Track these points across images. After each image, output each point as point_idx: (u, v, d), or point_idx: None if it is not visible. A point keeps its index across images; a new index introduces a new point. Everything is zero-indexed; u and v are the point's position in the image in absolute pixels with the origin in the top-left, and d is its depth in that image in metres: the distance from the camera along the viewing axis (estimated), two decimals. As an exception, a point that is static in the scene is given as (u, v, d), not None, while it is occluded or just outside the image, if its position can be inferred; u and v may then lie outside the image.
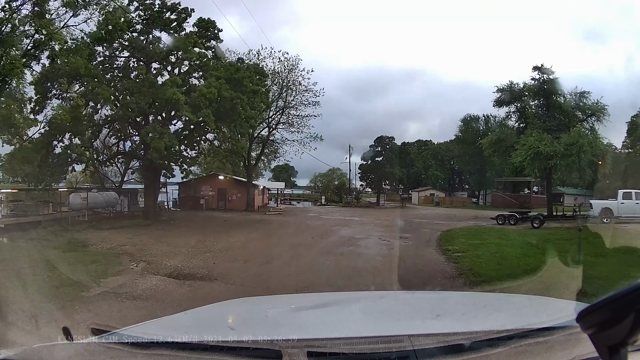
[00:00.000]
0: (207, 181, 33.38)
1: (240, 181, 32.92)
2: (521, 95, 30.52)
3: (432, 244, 12.73)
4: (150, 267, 9.43)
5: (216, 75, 17.80)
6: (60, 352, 1.38)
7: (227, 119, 18.49)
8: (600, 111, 27.66)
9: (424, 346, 1.32)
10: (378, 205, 48.97)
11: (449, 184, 76.24)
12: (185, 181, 33.27)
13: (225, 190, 32.86)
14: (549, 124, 27.90)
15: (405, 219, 24.10)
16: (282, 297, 3.88)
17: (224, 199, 32.82)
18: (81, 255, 11.45)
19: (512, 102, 30.84)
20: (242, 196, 31.66)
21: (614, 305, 0.85)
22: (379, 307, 2.35)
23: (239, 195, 32.04)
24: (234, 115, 17.60)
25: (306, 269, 8.80)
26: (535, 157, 25.42)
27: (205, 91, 16.73)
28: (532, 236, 14.17)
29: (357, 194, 52.56)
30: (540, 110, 30.00)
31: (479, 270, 8.34)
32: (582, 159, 25.62)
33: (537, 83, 29.10)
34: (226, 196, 32.82)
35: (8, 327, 4.14)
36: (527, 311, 2.11)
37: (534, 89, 29.63)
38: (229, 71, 18.45)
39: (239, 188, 32.40)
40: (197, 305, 2.28)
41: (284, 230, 18.08)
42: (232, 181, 33.49)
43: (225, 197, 32.83)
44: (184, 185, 33.73)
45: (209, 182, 33.30)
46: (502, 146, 29.81)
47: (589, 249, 8.87)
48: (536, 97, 30.24)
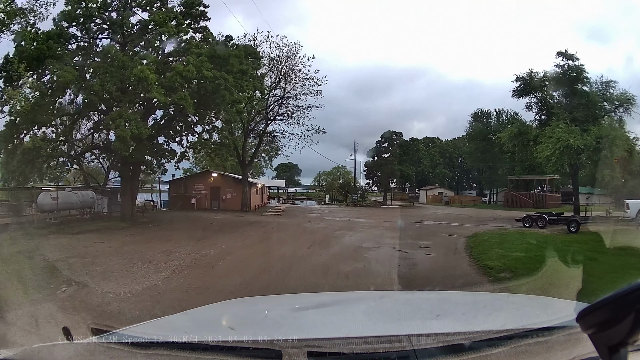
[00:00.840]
0: (199, 179, 30.75)
1: (236, 179, 30.21)
2: (542, 84, 27.79)
3: (462, 256, 9.92)
4: (78, 295, 6.83)
5: (197, 52, 15.07)
6: (61, 352, 1.36)
7: (210, 103, 15.69)
8: (629, 102, 25.02)
9: (424, 346, 1.31)
10: (385, 205, 46.14)
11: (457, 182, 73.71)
12: (177, 179, 30.82)
13: (218, 188, 30.21)
14: (576, 115, 24.96)
15: (418, 221, 21.31)
16: (282, 297, 3.74)
17: (217, 198, 30.19)
18: (14, 268, 9.36)
19: (532, 92, 28.12)
20: (238, 195, 28.98)
21: (614, 305, 0.84)
22: (379, 307, 2.35)
23: (234, 194, 29.37)
24: (217, 98, 14.79)
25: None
26: (564, 151, 22.51)
27: (182, 69, 14.05)
28: (584, 244, 11.27)
29: (362, 193, 49.69)
30: (565, 100, 27.11)
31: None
32: (614, 153, 23.02)
33: (560, 70, 26.20)
34: (220, 195, 30.18)
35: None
36: (527, 311, 2.09)
37: (557, 77, 26.69)
38: (212, 48, 15.70)
39: (235, 186, 29.71)
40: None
41: (276, 236, 15.34)
42: (227, 179, 30.84)
43: (219, 197, 30.20)
44: (174, 183, 31.22)
45: (201, 180, 30.68)
46: (524, 140, 27.11)
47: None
48: (559, 86, 27.32)
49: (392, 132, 44.47)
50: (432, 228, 17.34)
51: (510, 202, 43.46)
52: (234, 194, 29.34)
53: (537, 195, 42.93)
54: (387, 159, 43.22)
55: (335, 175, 69.69)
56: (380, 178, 45.12)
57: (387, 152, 43.92)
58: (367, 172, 46.29)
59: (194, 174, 30.63)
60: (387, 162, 42.67)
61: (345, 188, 54.84)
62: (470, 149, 54.74)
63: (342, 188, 57.90)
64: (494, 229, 17.84)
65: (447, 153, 73.89)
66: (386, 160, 43.00)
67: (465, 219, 23.84)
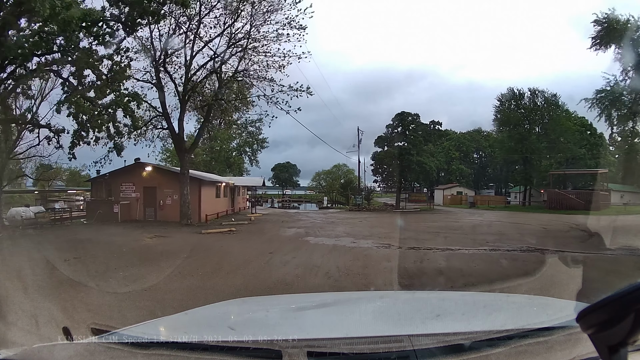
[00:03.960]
0: (128, 176, 20.61)
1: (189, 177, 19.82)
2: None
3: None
4: None
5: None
6: (60, 352, 1.34)
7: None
8: None
9: (424, 346, 1.30)
10: (398, 208, 35.86)
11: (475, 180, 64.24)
12: (99, 177, 20.84)
13: (154, 189, 20.08)
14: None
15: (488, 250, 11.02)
16: (282, 297, 3.80)
17: (153, 203, 20.06)
18: None
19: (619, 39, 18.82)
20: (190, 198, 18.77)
21: (614, 305, 0.84)
22: (379, 307, 2.35)
23: (177, 197, 19.17)
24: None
25: None
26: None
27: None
28: None
29: (368, 194, 39.67)
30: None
31: None
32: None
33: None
34: (157, 199, 20.02)
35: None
36: (527, 311, 2.08)
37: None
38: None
39: (180, 186, 19.37)
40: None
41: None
42: (167, 175, 20.70)
43: (155, 201, 20.04)
44: (96, 183, 21.20)
45: (131, 177, 20.56)
46: (623, 104, 17.34)
47: None
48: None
49: (406, 115, 34.18)
50: (549, 277, 7.11)
51: (554, 202, 33.86)
52: (177, 196, 19.14)
53: (587, 194, 33.06)
54: (402, 147, 32.85)
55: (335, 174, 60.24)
56: (391, 173, 34.70)
57: (401, 138, 33.63)
58: (374, 167, 35.86)
59: (121, 169, 20.50)
60: (402, 152, 32.24)
61: (347, 188, 45.74)
62: (502, 137, 44.08)
63: (343, 188, 49.20)
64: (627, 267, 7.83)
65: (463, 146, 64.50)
66: (401, 150, 32.60)
67: (542, 237, 13.80)
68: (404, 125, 33.31)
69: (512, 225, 18.70)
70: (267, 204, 57.89)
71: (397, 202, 36.53)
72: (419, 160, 31.97)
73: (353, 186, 43.92)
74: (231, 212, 26.17)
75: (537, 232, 15.66)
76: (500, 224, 19.70)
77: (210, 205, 20.92)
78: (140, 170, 20.36)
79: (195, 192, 19.25)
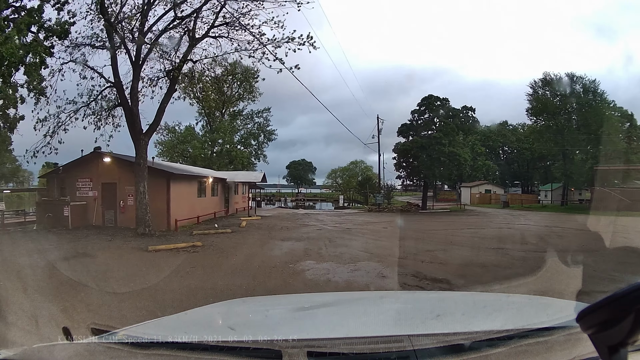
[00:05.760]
0: (85, 169, 16.22)
1: (152, 169, 15.14)
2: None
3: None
4: None
5: None
6: (60, 352, 1.32)
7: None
8: None
9: (424, 346, 1.28)
10: (424, 209, 30.59)
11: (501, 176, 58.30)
12: (53, 171, 16.64)
13: (114, 186, 15.60)
14: None
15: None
16: (282, 297, 3.74)
17: (113, 205, 15.60)
18: None
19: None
20: (153, 198, 14.17)
21: (614, 305, 0.84)
22: (379, 307, 2.30)
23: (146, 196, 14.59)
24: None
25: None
26: None
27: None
28: None
29: (388, 192, 34.60)
30: None
31: None
32: None
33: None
34: (117, 199, 15.55)
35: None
36: (527, 311, 2.03)
37: None
38: None
39: (149, 182, 14.69)
40: None
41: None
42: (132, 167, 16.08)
43: (115, 202, 15.58)
44: (51, 180, 16.95)
45: (87, 172, 16.17)
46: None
47: None
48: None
49: (434, 99, 28.77)
50: None
51: (604, 203, 28.50)
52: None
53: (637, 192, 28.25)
54: (431, 136, 27.47)
55: (352, 171, 55.61)
56: (416, 168, 29.33)
57: (429, 127, 28.26)
58: (397, 160, 30.52)
59: (76, 161, 16.15)
60: (431, 142, 26.83)
61: (366, 186, 40.87)
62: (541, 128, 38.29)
63: (361, 186, 44.32)
64: None
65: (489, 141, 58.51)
66: (430, 139, 27.21)
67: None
68: (431, 110, 27.93)
69: (590, 236, 13.16)
70: (280, 203, 53.84)
71: (424, 201, 31.17)
72: (451, 152, 26.53)
73: (372, 184, 38.93)
74: (224, 215, 21.59)
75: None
76: (573, 233, 14.33)
77: (188, 207, 16.29)
78: (98, 161, 15.93)
79: (161, 190, 14.69)
